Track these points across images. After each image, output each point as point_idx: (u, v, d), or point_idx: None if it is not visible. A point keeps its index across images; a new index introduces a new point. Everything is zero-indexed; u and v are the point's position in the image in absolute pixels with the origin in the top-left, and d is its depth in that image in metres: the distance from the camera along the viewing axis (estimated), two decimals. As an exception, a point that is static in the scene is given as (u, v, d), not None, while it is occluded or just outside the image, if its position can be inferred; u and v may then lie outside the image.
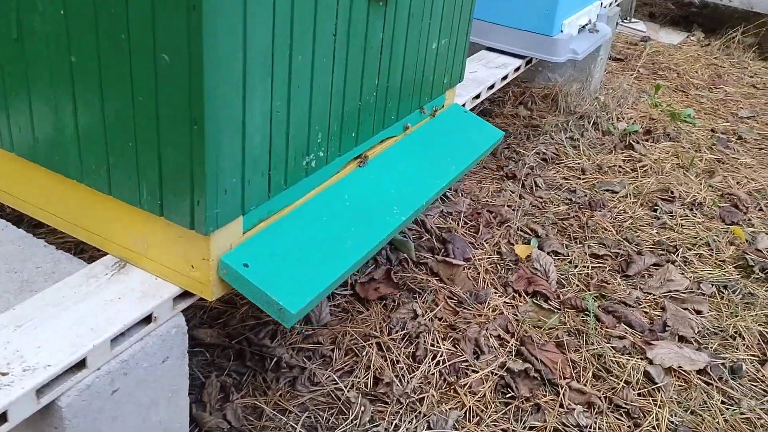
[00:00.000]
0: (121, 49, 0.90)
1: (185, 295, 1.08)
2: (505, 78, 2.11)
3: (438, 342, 1.67)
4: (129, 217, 1.06)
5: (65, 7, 0.93)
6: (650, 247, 2.10)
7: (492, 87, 2.03)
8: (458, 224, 2.14)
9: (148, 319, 1.04)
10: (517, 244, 2.06)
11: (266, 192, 1.06)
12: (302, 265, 1.04)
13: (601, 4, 2.51)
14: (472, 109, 2.04)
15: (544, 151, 2.65)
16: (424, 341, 1.67)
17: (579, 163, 2.60)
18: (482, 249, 2.04)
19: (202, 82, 0.85)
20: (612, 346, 1.69)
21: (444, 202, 2.26)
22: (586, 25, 2.31)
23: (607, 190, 2.42)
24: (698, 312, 1.82)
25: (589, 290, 1.90)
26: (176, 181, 0.95)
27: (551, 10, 2.07)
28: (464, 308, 1.80)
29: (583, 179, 2.50)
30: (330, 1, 1.04)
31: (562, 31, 2.15)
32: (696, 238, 2.15)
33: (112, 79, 0.94)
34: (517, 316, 1.78)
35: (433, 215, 2.16)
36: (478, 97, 1.96)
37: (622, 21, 4.23)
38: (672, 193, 2.40)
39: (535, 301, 1.83)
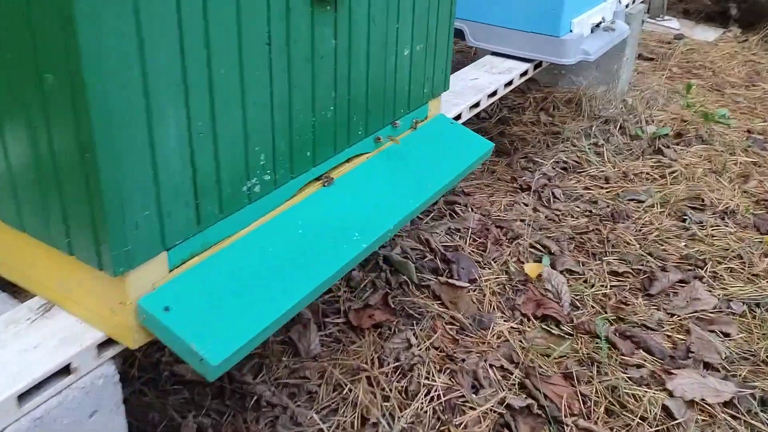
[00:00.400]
0: (8, 68, 0.80)
1: (113, 341, 0.97)
2: (509, 84, 1.96)
3: (433, 374, 1.53)
4: (47, 255, 0.96)
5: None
6: (676, 262, 1.91)
7: (494, 94, 1.88)
8: (466, 242, 1.99)
9: (67, 370, 0.93)
10: (527, 262, 1.90)
11: (194, 223, 0.94)
12: (235, 308, 0.92)
13: (619, 1, 2.34)
14: (470, 119, 1.89)
15: (565, 159, 2.47)
16: (418, 374, 1.53)
17: (602, 171, 2.42)
18: (489, 268, 1.89)
19: (87, 103, 0.74)
20: (628, 377, 1.52)
21: (452, 218, 2.11)
22: (600, 23, 2.14)
23: (632, 200, 2.24)
24: (726, 335, 1.63)
25: (606, 312, 1.72)
26: (79, 217, 0.84)
27: (558, 9, 1.91)
28: (465, 335, 1.65)
29: (606, 188, 2.32)
30: (257, 8, 0.92)
31: (571, 31, 1.99)
32: (727, 250, 1.95)
33: (5, 103, 0.83)
34: (523, 343, 1.62)
35: (439, 233, 2.02)
36: (477, 105, 1.81)
37: (655, 19, 4.01)
38: (703, 200, 2.20)
39: (545, 326, 1.67)
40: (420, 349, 1.58)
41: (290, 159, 1.08)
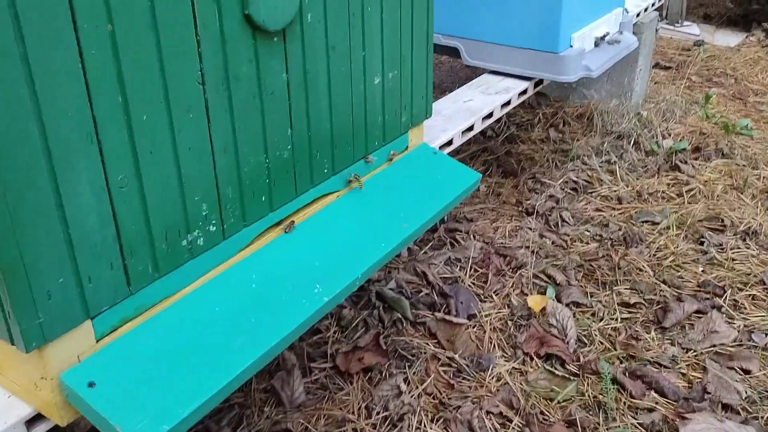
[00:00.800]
0: None
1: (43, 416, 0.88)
2: (507, 104, 1.85)
3: (425, 425, 1.41)
4: (-32, 324, 0.87)
5: None
6: (693, 290, 1.77)
7: (490, 116, 1.77)
8: (466, 273, 1.88)
9: (-8, 450, 0.84)
10: (531, 294, 1.78)
11: (125, 286, 0.85)
12: (169, 381, 0.82)
13: (625, 10, 2.21)
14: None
15: (575, 179, 2.34)
16: (408, 424, 1.41)
17: (615, 191, 2.28)
18: (491, 302, 1.77)
19: (-29, 165, 0.65)
20: (638, 423, 1.38)
21: (453, 248, 2.00)
22: (605, 36, 2.02)
23: (647, 222, 2.10)
24: (747, 371, 1.48)
25: (615, 349, 1.59)
26: (-17, 287, 0.75)
27: (555, 24, 1.80)
28: (462, 378, 1.53)
29: (619, 210, 2.19)
30: (184, 46, 0.83)
31: (571, 46, 1.87)
32: (749, 275, 1.80)
33: None
34: (524, 386, 1.49)
35: (438, 264, 1.91)
36: (471, 129, 1.70)
37: (674, 25, 3.86)
38: (722, 220, 2.05)
39: (548, 367, 1.54)
40: (411, 396, 1.47)
41: (241, 205, 0.98)
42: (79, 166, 0.75)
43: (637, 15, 2.65)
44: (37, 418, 0.88)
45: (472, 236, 2.04)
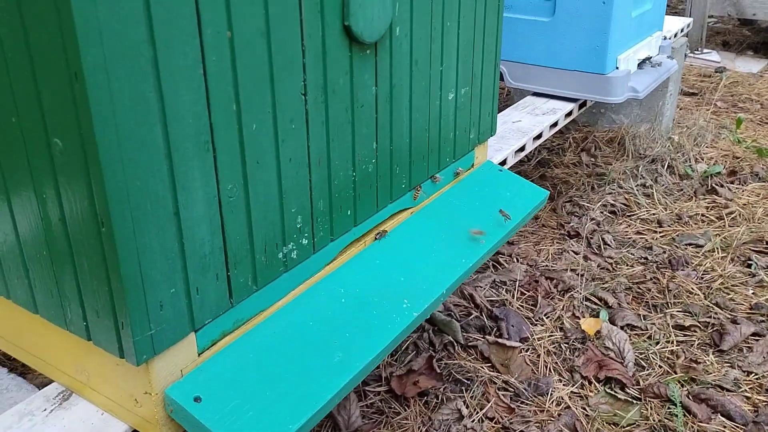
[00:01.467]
0: (14, 135, 0.71)
1: (137, 432, 0.85)
2: (555, 125, 1.85)
3: (489, 449, 1.38)
4: (63, 340, 0.85)
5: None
6: (747, 313, 1.75)
7: (539, 137, 1.76)
8: (513, 296, 1.86)
9: (86, 470, 0.81)
10: (583, 317, 1.75)
11: (227, 298, 0.83)
12: (272, 397, 0.80)
13: (664, 37, 2.22)
14: (517, 164, 1.78)
15: (612, 202, 2.33)
16: (473, 449, 1.38)
17: (654, 214, 2.27)
18: (542, 325, 1.74)
19: (101, 169, 0.64)
20: (709, 447, 1.35)
21: (496, 270, 1.98)
22: (647, 59, 2.02)
23: (690, 244, 2.08)
24: (817, 396, 1.46)
25: (675, 372, 1.56)
26: (96, 298, 0.73)
27: (602, 45, 1.81)
28: (521, 402, 1.50)
29: (660, 232, 2.17)
30: (291, 55, 0.83)
31: (617, 68, 1.87)
32: (804, 298, 1.78)
33: (12, 171, 0.74)
34: (587, 410, 1.46)
35: (484, 286, 1.88)
36: (522, 149, 1.70)
37: (693, 52, 3.89)
38: (767, 243, 2.03)
39: (609, 390, 1.51)
40: (473, 421, 1.44)
41: (330, 219, 0.97)
42: (195, 175, 0.74)
43: (665, 39, 2.67)
44: (130, 437, 0.85)
45: (515, 259, 2.03)
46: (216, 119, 0.75)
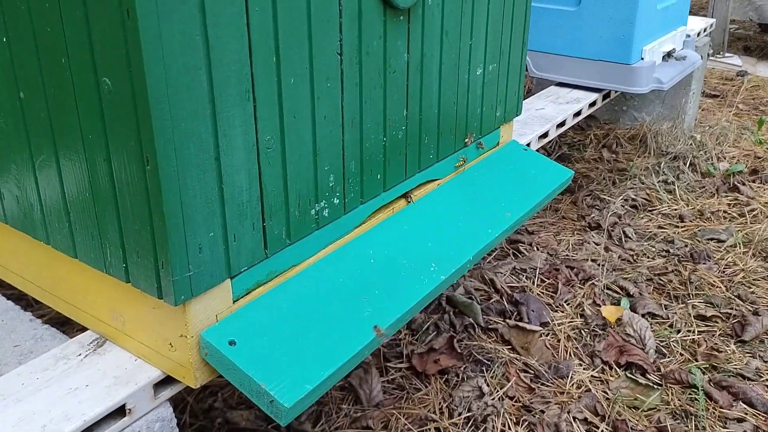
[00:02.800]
0: (64, 77, 0.73)
1: (170, 379, 0.87)
2: (578, 114, 1.86)
3: (509, 427, 1.39)
4: (100, 285, 0.88)
5: (8, 35, 0.78)
6: (769, 304, 1.75)
7: (562, 124, 1.78)
8: (533, 282, 1.86)
9: (121, 411, 0.83)
10: (604, 305, 1.76)
11: (262, 248, 0.85)
12: (306, 345, 0.82)
13: (687, 34, 2.23)
14: (540, 150, 1.79)
15: (633, 196, 2.34)
16: (493, 426, 1.39)
17: (676, 210, 2.27)
18: (562, 311, 1.75)
19: (149, 108, 0.66)
20: None
21: (517, 258, 1.99)
22: (671, 52, 2.03)
23: (712, 239, 2.08)
24: (840, 384, 1.45)
25: (697, 360, 1.56)
26: (137, 239, 0.75)
27: (628, 35, 1.82)
28: (542, 384, 1.51)
29: (682, 227, 2.17)
30: (329, 14, 0.85)
31: (642, 59, 1.88)
32: (827, 290, 1.77)
33: (57, 112, 0.77)
34: (607, 393, 1.47)
35: (504, 272, 1.89)
36: (545, 135, 1.71)
37: (715, 56, 3.88)
38: (790, 239, 2.03)
39: (630, 375, 1.52)
40: (493, 399, 1.45)
41: (360, 182, 0.99)
42: (236, 123, 0.76)
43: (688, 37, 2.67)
44: (162, 383, 0.87)
45: (535, 248, 2.04)
46: (257, 70, 0.77)
